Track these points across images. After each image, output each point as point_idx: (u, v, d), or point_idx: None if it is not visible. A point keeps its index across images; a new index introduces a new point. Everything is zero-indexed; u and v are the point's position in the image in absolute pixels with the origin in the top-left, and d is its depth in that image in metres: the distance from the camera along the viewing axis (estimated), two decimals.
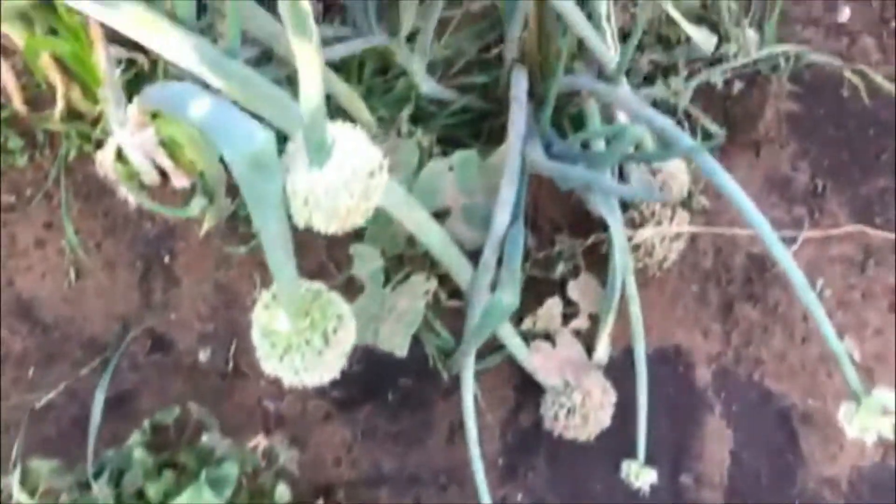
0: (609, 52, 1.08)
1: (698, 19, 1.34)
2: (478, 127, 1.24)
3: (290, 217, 0.72)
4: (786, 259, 0.85)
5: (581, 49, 1.14)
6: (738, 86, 1.30)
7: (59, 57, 1.05)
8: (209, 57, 0.85)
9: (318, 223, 0.70)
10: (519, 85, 1.08)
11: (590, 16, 1.10)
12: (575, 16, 1.05)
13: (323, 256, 1.14)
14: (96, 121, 1.17)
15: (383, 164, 0.71)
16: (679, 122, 1.24)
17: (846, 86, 1.30)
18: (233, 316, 1.10)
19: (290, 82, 1.11)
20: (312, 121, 0.66)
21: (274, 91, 0.85)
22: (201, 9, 0.92)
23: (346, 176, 0.68)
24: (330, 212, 0.68)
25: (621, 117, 1.11)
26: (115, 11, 0.86)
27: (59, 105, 1.14)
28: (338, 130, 0.71)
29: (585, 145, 1.04)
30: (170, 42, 0.86)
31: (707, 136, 1.25)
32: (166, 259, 1.12)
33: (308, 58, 0.61)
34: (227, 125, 0.65)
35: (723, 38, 1.32)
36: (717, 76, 1.28)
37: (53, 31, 1.01)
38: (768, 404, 1.10)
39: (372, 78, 1.23)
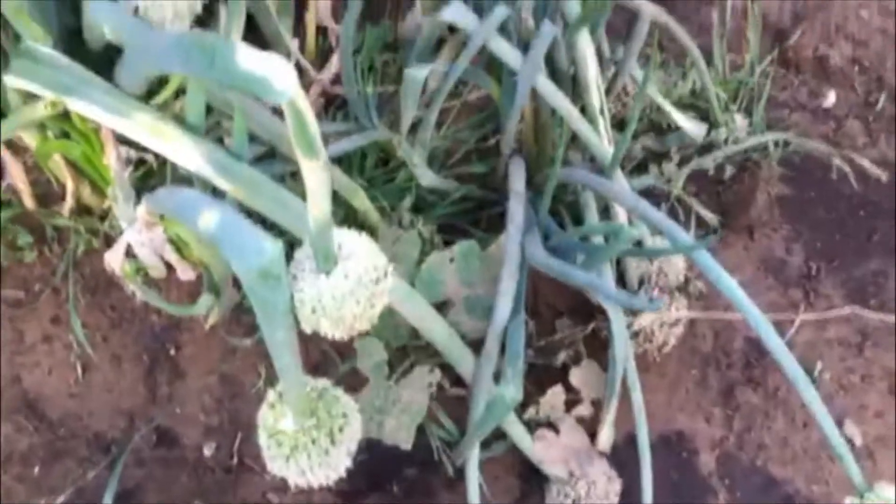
0: (603, 144, 1.11)
1: (688, 106, 1.38)
2: (476, 215, 1.27)
3: (296, 322, 0.74)
4: (782, 352, 0.86)
5: (576, 139, 1.18)
6: (729, 170, 1.33)
7: (70, 158, 1.08)
8: (217, 161, 0.88)
9: (325, 329, 0.72)
10: (517, 178, 1.11)
11: (583, 109, 1.14)
12: (569, 110, 1.08)
13: (325, 346, 1.15)
14: (104, 216, 1.20)
15: (388, 269, 0.73)
16: (672, 208, 1.27)
17: (834, 169, 1.34)
18: (237, 408, 1.11)
19: (293, 177, 1.14)
20: (320, 232, 0.68)
21: (281, 194, 0.88)
22: (207, 108, 0.96)
23: (352, 284, 0.70)
24: (337, 319, 0.70)
25: (618, 209, 1.13)
26: (128, 121, 0.90)
27: (68, 202, 1.17)
28: (344, 236, 0.74)
29: (584, 237, 1.06)
30: (179, 148, 0.89)
31: (700, 222, 1.28)
32: (172, 352, 1.13)
33: (316, 176, 0.64)
34: (236, 238, 0.68)
35: (712, 125, 1.36)
36: (708, 163, 1.32)
37: (65, 135, 1.04)
38: (772, 490, 1.11)
39: (373, 169, 1.26)
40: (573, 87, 1.15)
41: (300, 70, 1.32)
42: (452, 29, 1.16)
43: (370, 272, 0.70)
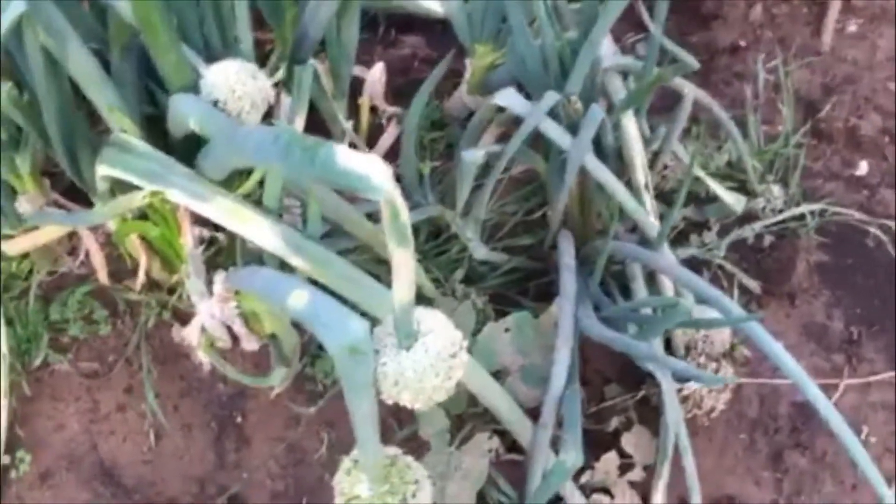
0: (649, 217, 1.17)
1: (725, 177, 1.44)
2: (525, 285, 1.32)
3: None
4: (831, 414, 0.90)
5: (621, 212, 1.23)
6: (768, 239, 1.38)
7: (147, 237, 1.15)
8: (293, 241, 0.94)
9: (406, 401, 0.77)
10: (567, 252, 1.16)
11: (628, 183, 1.19)
12: (616, 186, 1.14)
13: (383, 412, 1.19)
14: (172, 289, 1.27)
15: (463, 344, 0.78)
16: (714, 276, 1.31)
17: (870, 237, 1.38)
18: (302, 473, 1.15)
19: (357, 251, 1.20)
20: (403, 312, 0.74)
21: (351, 272, 0.94)
22: None
23: (431, 358, 0.75)
24: (417, 391, 0.75)
25: (664, 279, 1.18)
26: (208, 204, 0.97)
27: (140, 277, 1.23)
28: (422, 314, 0.79)
29: (633, 307, 1.11)
30: (258, 229, 0.95)
31: (743, 289, 1.32)
32: (238, 419, 1.18)
33: (403, 262, 0.70)
34: (326, 317, 0.73)
35: (750, 195, 1.41)
36: (747, 232, 1.36)
37: (143, 216, 1.12)
38: None
39: (425, 242, 1.32)
40: (619, 162, 1.21)
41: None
42: (499, 108, 1.23)
43: (448, 347, 0.76)
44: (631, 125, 1.16)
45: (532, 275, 1.33)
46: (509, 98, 1.11)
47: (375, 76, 1.33)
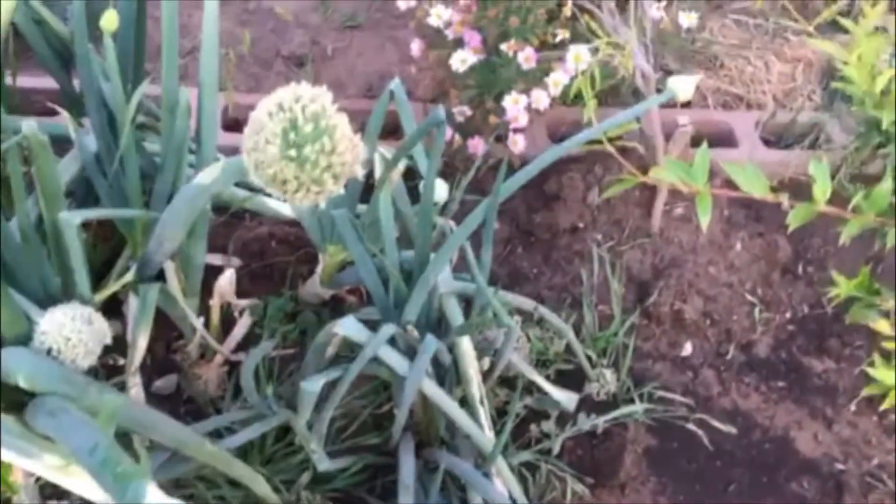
0: (484, 432, 1.24)
1: (565, 360, 1.54)
2: (373, 482, 1.36)
3: None
4: None
5: None
6: (602, 424, 1.47)
7: None
8: None
9: None
10: (407, 469, 1.21)
11: (464, 399, 1.26)
12: (452, 407, 1.21)
13: None
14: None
15: None
16: (548, 477, 1.38)
17: (692, 420, 1.50)
18: None
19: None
20: None
21: None
22: None
23: None
24: None
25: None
26: (36, 460, 0.97)
27: None
28: None
29: None
30: (87, 485, 0.96)
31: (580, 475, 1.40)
32: None
33: None
34: None
35: (585, 378, 1.52)
36: (584, 423, 1.46)
37: None
38: None
39: (274, 444, 1.35)
40: (456, 376, 1.28)
41: (204, 344, 1.42)
42: None
43: None
44: (466, 345, 1.23)
45: (380, 471, 1.37)
46: (349, 327, 1.16)
47: (224, 284, 1.36)
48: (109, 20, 1.03)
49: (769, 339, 1.63)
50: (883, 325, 1.06)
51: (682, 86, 0.94)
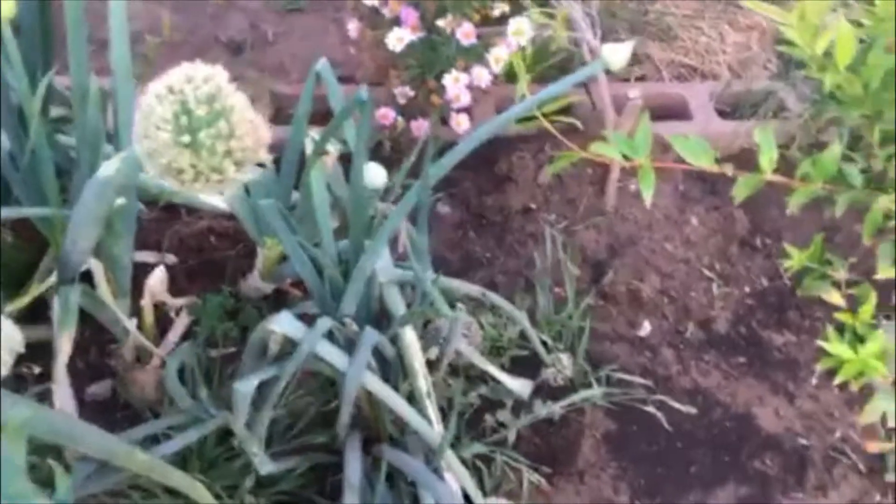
0: (432, 426, 1.19)
1: (520, 346, 1.49)
2: (322, 482, 1.31)
3: None
4: None
5: None
6: (559, 411, 1.43)
7: None
8: None
9: None
10: (353, 468, 1.16)
11: (411, 394, 1.21)
12: (397, 402, 1.16)
13: None
14: None
15: None
16: (503, 469, 1.34)
17: (651, 402, 1.45)
18: None
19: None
20: None
21: None
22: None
23: None
24: None
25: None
26: None
27: None
28: None
29: None
30: None
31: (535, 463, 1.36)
32: None
33: None
34: None
35: (541, 364, 1.47)
36: (540, 410, 1.41)
37: None
38: None
39: (214, 448, 1.28)
40: (402, 369, 1.22)
41: (140, 347, 1.35)
42: None
43: None
44: (409, 336, 1.18)
45: (330, 470, 1.31)
46: (284, 323, 1.11)
47: (154, 283, 1.29)
48: (6, 7, 0.96)
49: (728, 315, 1.59)
50: (835, 297, 1.02)
51: (616, 55, 0.88)
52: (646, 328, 1.57)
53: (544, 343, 1.48)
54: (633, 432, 1.44)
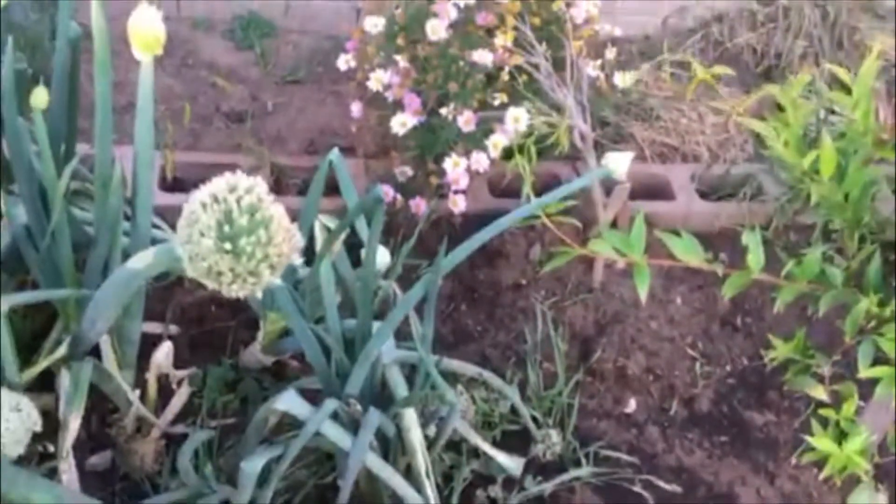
0: None
1: (511, 421, 1.53)
2: None
3: None
4: None
5: None
6: (550, 488, 1.46)
7: None
8: None
9: None
10: None
11: (409, 468, 1.24)
12: (395, 480, 1.19)
13: None
14: None
15: None
16: None
17: (637, 481, 1.50)
18: None
19: None
20: None
21: None
22: None
23: None
24: None
25: None
26: None
27: None
28: None
29: None
30: None
31: None
32: None
33: None
34: None
35: (531, 439, 1.51)
36: (529, 484, 1.45)
37: None
38: None
39: None
40: (401, 446, 1.26)
41: (141, 417, 1.38)
42: None
43: None
44: (410, 416, 1.22)
45: None
46: (290, 402, 1.14)
47: (161, 357, 1.32)
48: (39, 98, 1.01)
49: (710, 394, 1.65)
50: (819, 391, 1.08)
51: (618, 163, 0.95)
52: (632, 405, 1.62)
53: (534, 418, 1.53)
54: None
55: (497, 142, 1.52)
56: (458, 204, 1.58)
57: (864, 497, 1.00)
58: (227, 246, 0.73)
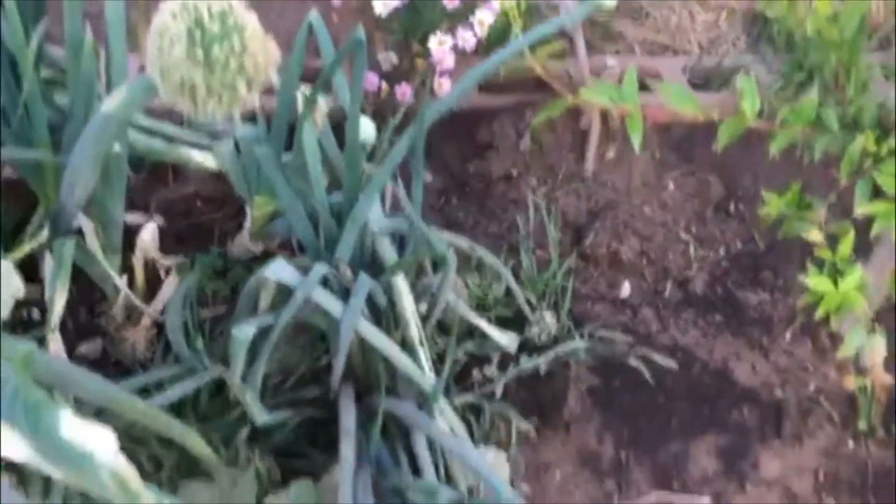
0: (425, 374, 1.21)
1: (505, 305, 1.52)
2: (314, 436, 1.32)
3: None
4: None
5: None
6: (544, 365, 1.46)
7: None
8: None
9: None
10: (347, 414, 1.17)
11: (404, 341, 1.23)
12: (390, 349, 1.18)
13: None
14: None
15: None
16: (492, 419, 1.36)
17: (633, 356, 1.49)
18: None
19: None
20: None
21: None
22: None
23: None
24: None
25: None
26: None
27: None
28: None
29: (416, 470, 1.14)
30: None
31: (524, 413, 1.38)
32: None
33: None
34: None
35: (526, 322, 1.50)
36: (525, 364, 1.44)
37: None
38: None
39: (208, 402, 1.29)
40: (394, 319, 1.24)
41: (130, 306, 1.36)
42: None
43: None
44: (401, 284, 1.20)
45: (320, 425, 1.33)
46: (279, 270, 1.12)
47: (147, 238, 1.30)
48: None
49: (704, 276, 1.64)
50: (815, 235, 1.06)
51: None
52: (625, 289, 1.61)
53: (528, 302, 1.51)
54: (615, 386, 1.47)
55: (482, 19, 1.48)
56: (443, 86, 1.54)
57: (860, 337, 0.99)
58: (199, 54, 0.70)
